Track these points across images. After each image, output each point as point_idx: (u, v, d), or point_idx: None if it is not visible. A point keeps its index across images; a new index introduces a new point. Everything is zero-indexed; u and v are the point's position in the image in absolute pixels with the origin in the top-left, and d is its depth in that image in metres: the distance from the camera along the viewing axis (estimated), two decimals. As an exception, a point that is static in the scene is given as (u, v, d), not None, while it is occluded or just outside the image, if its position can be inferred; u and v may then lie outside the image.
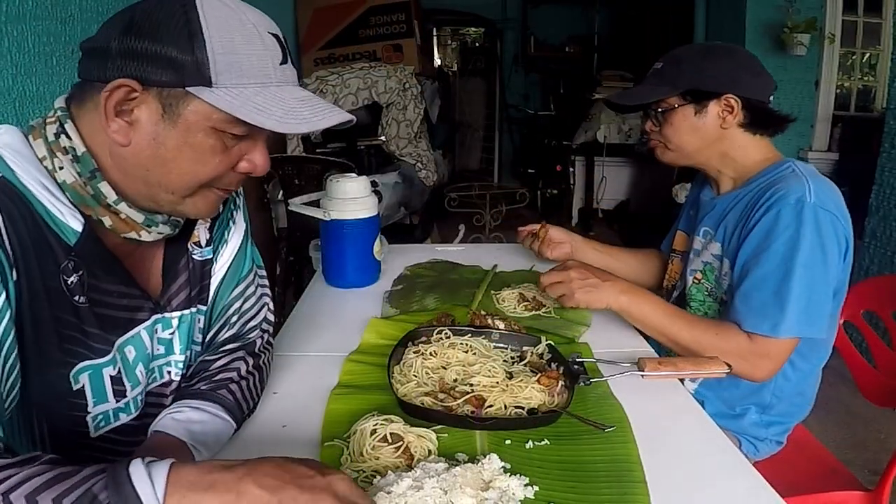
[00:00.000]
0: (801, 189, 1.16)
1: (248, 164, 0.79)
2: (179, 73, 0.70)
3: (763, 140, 1.30)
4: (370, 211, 1.51)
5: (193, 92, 0.70)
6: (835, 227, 1.15)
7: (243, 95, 0.72)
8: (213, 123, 0.73)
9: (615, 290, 1.22)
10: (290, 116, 0.73)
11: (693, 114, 1.28)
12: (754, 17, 4.36)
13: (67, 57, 1.51)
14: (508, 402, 0.96)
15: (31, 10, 1.37)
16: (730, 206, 1.30)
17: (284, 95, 0.75)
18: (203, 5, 0.71)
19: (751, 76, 1.27)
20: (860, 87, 4.62)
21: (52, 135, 0.73)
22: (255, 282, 1.01)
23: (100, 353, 0.78)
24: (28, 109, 1.37)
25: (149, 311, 0.84)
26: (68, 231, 0.72)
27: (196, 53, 0.69)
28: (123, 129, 0.72)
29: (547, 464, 0.83)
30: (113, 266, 0.79)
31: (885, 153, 2.87)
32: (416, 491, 0.72)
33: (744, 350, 1.16)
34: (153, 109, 0.71)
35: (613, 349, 1.19)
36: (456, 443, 0.87)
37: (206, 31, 0.70)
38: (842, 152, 4.48)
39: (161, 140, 0.72)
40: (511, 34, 6.77)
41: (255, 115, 0.71)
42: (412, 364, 1.05)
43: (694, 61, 1.28)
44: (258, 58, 0.73)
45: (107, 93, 0.70)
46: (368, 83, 3.29)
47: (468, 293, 1.46)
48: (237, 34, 0.72)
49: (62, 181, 0.73)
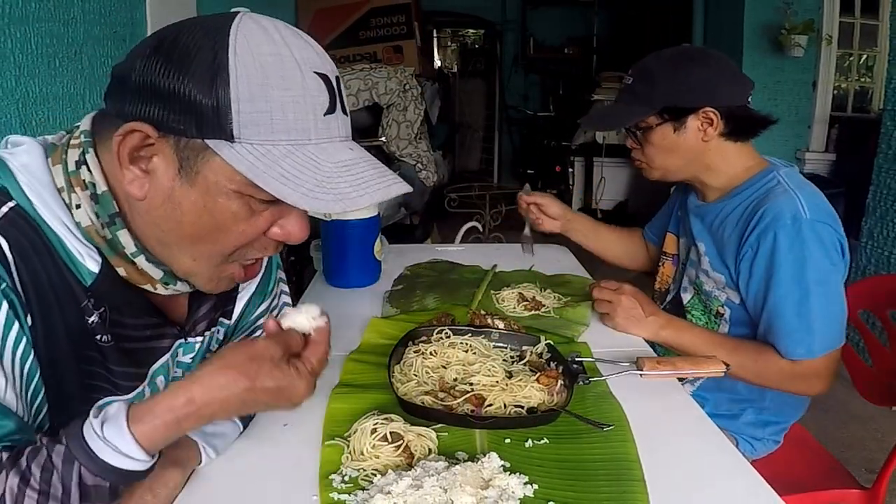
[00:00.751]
0: (794, 206, 1.15)
1: (281, 230, 0.67)
2: (199, 120, 0.58)
3: (745, 146, 1.28)
4: (370, 211, 1.51)
5: (212, 146, 0.58)
6: (833, 236, 1.16)
7: (270, 156, 0.59)
8: (237, 186, 0.60)
9: (656, 326, 1.25)
10: (322, 190, 0.59)
11: (672, 131, 1.24)
12: (752, 18, 4.36)
13: (70, 58, 1.51)
14: (508, 401, 0.96)
15: (34, 11, 1.37)
16: (718, 218, 1.28)
17: (322, 159, 0.61)
18: (238, 34, 0.58)
19: (727, 83, 1.23)
20: (857, 88, 4.62)
21: (73, 163, 0.64)
22: (280, 295, 1.00)
23: (125, 389, 0.75)
24: (31, 111, 1.37)
25: (172, 337, 0.79)
26: (84, 272, 0.65)
27: (219, 97, 0.57)
28: (139, 179, 0.61)
29: (546, 462, 0.83)
30: (134, 300, 0.72)
31: (881, 154, 2.87)
32: (416, 489, 0.72)
33: (791, 374, 1.17)
34: (170, 162, 0.60)
35: (612, 348, 1.19)
36: (456, 442, 0.87)
37: (233, 71, 0.57)
38: (839, 153, 4.47)
39: (177, 200, 0.61)
40: (511, 35, 6.76)
41: (279, 186, 0.58)
42: (412, 363, 1.05)
43: (666, 75, 1.22)
44: (296, 107, 0.59)
45: (119, 136, 0.59)
46: (369, 84, 3.29)
47: (468, 293, 1.46)
48: (273, 75, 0.58)
49: (78, 221, 0.64)
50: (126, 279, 0.69)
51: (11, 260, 0.60)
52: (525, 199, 1.60)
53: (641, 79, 1.26)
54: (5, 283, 0.59)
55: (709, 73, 1.22)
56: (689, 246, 1.38)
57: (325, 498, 0.75)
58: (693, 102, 1.21)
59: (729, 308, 1.28)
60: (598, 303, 1.30)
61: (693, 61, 1.23)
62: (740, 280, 1.22)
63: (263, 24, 0.61)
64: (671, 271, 1.48)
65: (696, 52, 1.27)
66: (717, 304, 1.30)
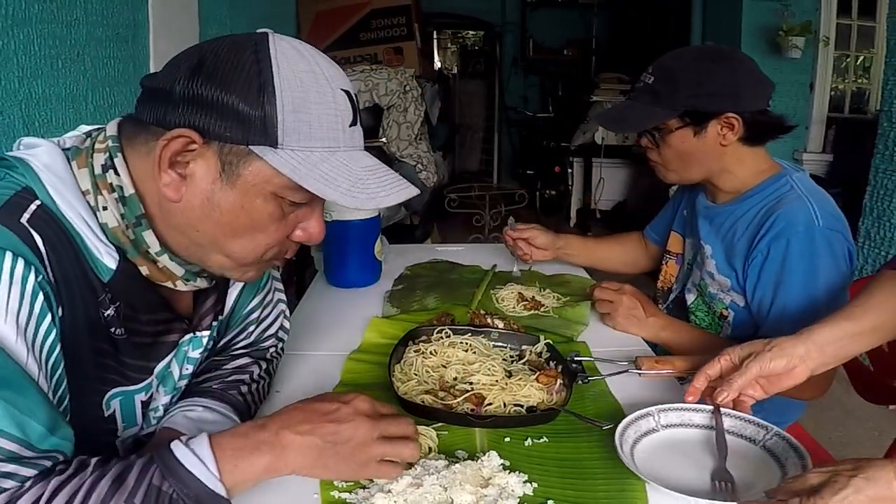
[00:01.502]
0: (807, 213, 1.14)
1: (303, 232, 0.73)
2: (245, 128, 0.63)
3: (760, 150, 1.25)
4: (371, 212, 1.51)
5: (257, 152, 0.64)
6: (843, 245, 1.15)
7: (310, 161, 0.65)
8: (274, 188, 0.66)
9: (656, 327, 1.25)
10: (357, 189, 0.66)
11: (692, 135, 1.20)
12: (750, 20, 4.36)
13: (73, 60, 1.51)
14: (507, 400, 0.96)
15: (37, 13, 1.37)
16: (729, 220, 1.26)
17: (352, 164, 0.68)
18: (277, 53, 0.64)
19: (751, 87, 1.18)
20: (854, 89, 4.62)
21: (100, 167, 0.67)
22: (272, 287, 1.00)
23: (134, 380, 0.76)
24: (34, 111, 1.37)
25: (181, 331, 0.81)
26: (103, 268, 0.68)
27: (265, 108, 0.63)
28: (175, 182, 0.66)
29: (545, 461, 0.83)
30: (148, 296, 0.75)
31: (878, 154, 2.87)
32: (417, 488, 0.72)
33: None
34: (211, 165, 0.65)
35: (611, 348, 1.19)
36: (456, 440, 0.87)
37: (277, 85, 0.63)
38: (836, 154, 4.47)
39: (216, 201, 0.66)
40: (510, 37, 6.76)
41: (321, 186, 0.64)
42: (413, 363, 1.05)
43: (689, 77, 1.18)
44: (328, 118, 0.66)
45: (165, 141, 0.64)
46: (370, 85, 3.29)
47: (468, 293, 1.46)
48: (312, 89, 0.65)
49: (104, 223, 0.67)
50: (147, 277, 0.72)
51: (45, 253, 0.62)
52: (511, 234, 1.56)
53: (663, 79, 1.21)
54: (42, 275, 0.61)
55: (733, 76, 1.17)
56: (696, 247, 1.37)
57: (325, 496, 0.75)
58: (716, 107, 1.17)
59: (733, 311, 1.27)
60: (599, 303, 1.30)
61: (717, 63, 1.18)
62: (747, 284, 1.21)
63: (294, 44, 0.68)
64: (675, 270, 1.47)
65: (721, 53, 1.22)
66: (720, 307, 1.29)
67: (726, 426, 0.88)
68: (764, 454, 0.83)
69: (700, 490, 0.77)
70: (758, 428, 0.87)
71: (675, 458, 0.85)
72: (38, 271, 0.61)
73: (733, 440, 0.86)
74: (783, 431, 0.84)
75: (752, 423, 0.87)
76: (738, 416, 0.89)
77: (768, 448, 0.84)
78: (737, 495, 0.76)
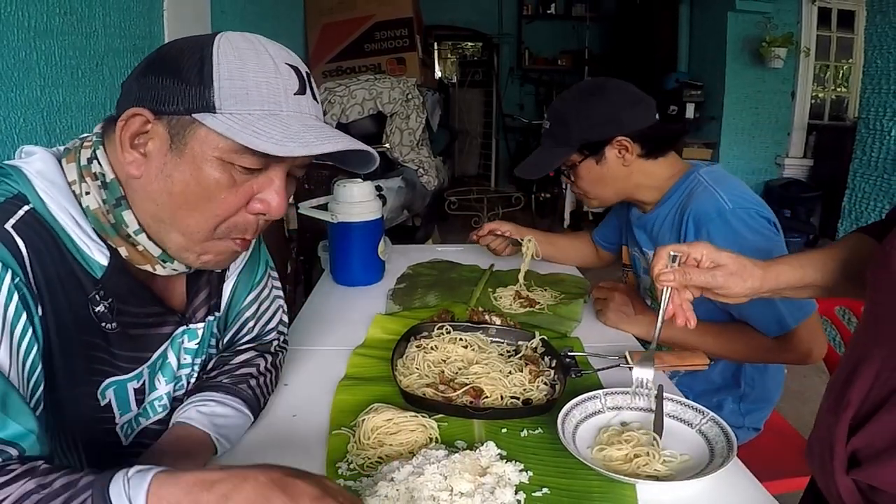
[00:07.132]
0: (714, 200, 1.16)
1: (260, 203, 0.71)
2: (187, 100, 0.65)
3: (667, 158, 1.28)
4: (375, 214, 1.51)
5: (199, 119, 0.65)
6: (759, 217, 1.16)
7: (245, 121, 0.65)
8: (220, 154, 0.66)
9: (645, 323, 1.26)
10: (288, 139, 0.65)
11: (595, 164, 1.26)
12: (735, 32, 4.37)
13: (92, 69, 1.51)
14: (505, 393, 0.96)
15: (58, 25, 1.37)
16: (656, 225, 1.30)
17: (292, 123, 0.67)
18: (221, 40, 0.67)
19: (630, 110, 1.23)
20: (834, 97, 4.62)
21: (86, 160, 0.70)
22: (269, 285, 0.99)
23: (126, 370, 0.76)
24: (55, 119, 1.37)
25: (174, 324, 0.81)
26: (95, 265, 0.69)
27: (204, 79, 0.65)
28: (138, 161, 0.68)
29: (540, 451, 0.83)
30: (139, 291, 0.75)
31: (856, 159, 2.87)
32: (418, 476, 0.72)
33: (778, 348, 1.16)
34: (163, 139, 0.67)
35: (603, 343, 1.19)
36: (455, 431, 0.88)
37: (216, 60, 0.65)
38: (816, 159, 4.47)
39: (168, 171, 0.67)
40: (507, 48, 6.76)
41: (251, 139, 0.64)
42: (414, 357, 1.05)
43: (575, 115, 1.24)
44: (269, 84, 0.67)
45: (122, 122, 0.67)
46: (374, 94, 3.28)
47: (467, 291, 1.46)
48: (250, 61, 0.66)
49: (86, 206, 0.69)
50: (128, 261, 0.72)
51: (27, 256, 0.63)
52: (478, 234, 1.60)
53: (556, 122, 1.28)
54: (19, 277, 0.62)
55: (610, 104, 1.23)
56: (639, 256, 1.40)
57: (331, 484, 0.75)
58: (604, 135, 1.23)
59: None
60: (595, 301, 1.33)
61: (595, 96, 1.25)
62: None
63: (245, 34, 0.69)
64: (633, 282, 1.50)
65: (597, 85, 1.27)
66: None
67: (667, 410, 0.90)
68: (697, 437, 0.86)
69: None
70: (695, 413, 0.89)
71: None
72: (15, 274, 0.61)
73: (672, 422, 0.89)
74: (718, 417, 0.86)
75: (691, 408, 0.90)
76: (679, 401, 0.91)
77: (703, 432, 0.86)
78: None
